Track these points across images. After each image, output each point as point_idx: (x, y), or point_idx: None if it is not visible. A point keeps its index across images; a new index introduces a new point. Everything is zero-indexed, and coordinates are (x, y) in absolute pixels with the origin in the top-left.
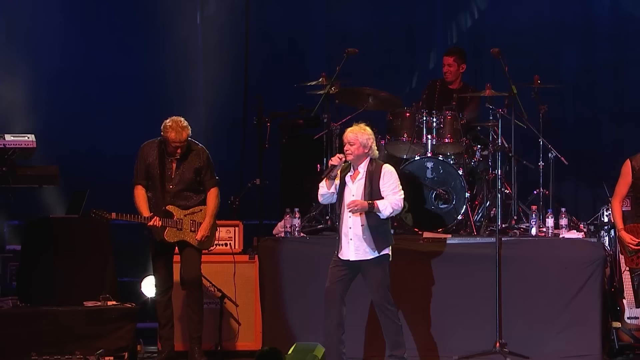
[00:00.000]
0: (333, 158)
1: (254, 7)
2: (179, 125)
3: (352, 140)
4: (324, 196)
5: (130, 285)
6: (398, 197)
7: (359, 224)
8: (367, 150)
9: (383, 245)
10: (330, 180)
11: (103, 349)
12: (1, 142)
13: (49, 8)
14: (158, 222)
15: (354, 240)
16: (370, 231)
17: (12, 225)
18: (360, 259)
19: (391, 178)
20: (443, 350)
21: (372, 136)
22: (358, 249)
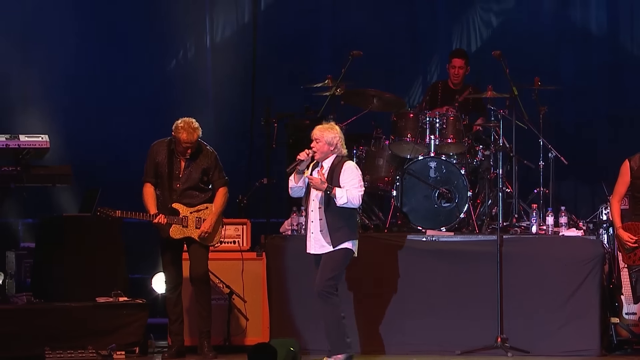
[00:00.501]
0: (301, 153)
1: (263, 12)
2: (190, 127)
3: (317, 137)
4: (293, 189)
5: (141, 282)
6: (357, 191)
7: (317, 219)
8: (333, 147)
9: (341, 239)
10: (298, 174)
11: (115, 344)
12: (16, 142)
13: (64, 14)
14: (163, 219)
15: (314, 233)
16: (328, 225)
17: (26, 223)
18: (319, 252)
19: (352, 174)
20: (446, 345)
21: (339, 134)
22: (317, 242)
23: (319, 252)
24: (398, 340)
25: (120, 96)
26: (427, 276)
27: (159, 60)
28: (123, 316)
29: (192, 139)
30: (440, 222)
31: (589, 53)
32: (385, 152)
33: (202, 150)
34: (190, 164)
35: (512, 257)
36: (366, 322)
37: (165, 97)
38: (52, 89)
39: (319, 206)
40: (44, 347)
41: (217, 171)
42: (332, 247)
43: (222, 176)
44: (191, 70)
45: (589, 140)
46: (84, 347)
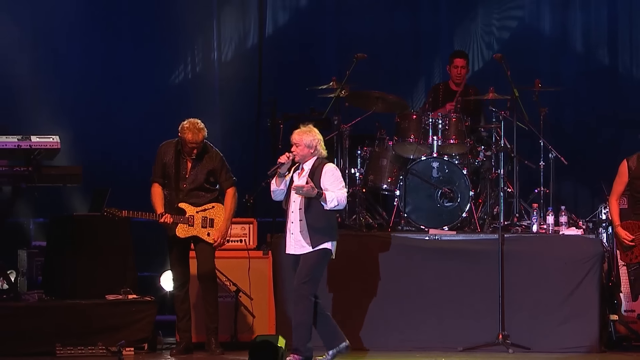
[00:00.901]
0: (281, 157)
1: (269, 15)
2: (195, 127)
3: (297, 141)
4: (274, 192)
5: (149, 280)
6: (343, 193)
7: (298, 220)
8: (312, 150)
9: (321, 240)
10: (279, 177)
11: (124, 340)
12: (27, 143)
13: (73, 16)
14: (169, 219)
15: (294, 234)
16: (308, 226)
17: (38, 222)
18: (298, 252)
19: (333, 176)
20: (448, 342)
21: (318, 137)
22: (297, 242)
23: (298, 252)
24: (401, 337)
25: (129, 98)
26: (430, 274)
27: (167, 62)
28: (132, 313)
29: (197, 139)
30: (443, 221)
31: (588, 56)
32: (388, 152)
33: (208, 151)
34: (197, 164)
35: (513, 255)
36: (369, 319)
37: (173, 98)
38: (63, 90)
39: (299, 207)
40: (55, 343)
41: (224, 172)
42: (311, 247)
43: (229, 177)
44: (199, 72)
45: (589, 141)
46: (94, 343)
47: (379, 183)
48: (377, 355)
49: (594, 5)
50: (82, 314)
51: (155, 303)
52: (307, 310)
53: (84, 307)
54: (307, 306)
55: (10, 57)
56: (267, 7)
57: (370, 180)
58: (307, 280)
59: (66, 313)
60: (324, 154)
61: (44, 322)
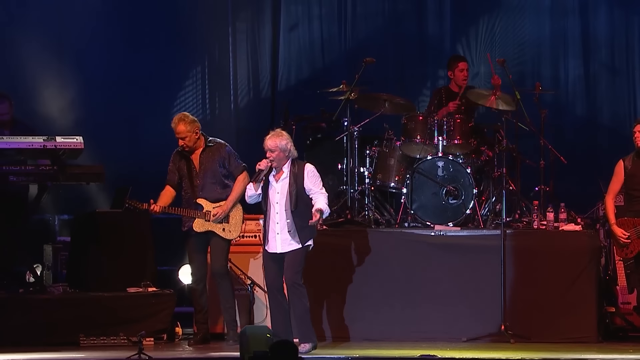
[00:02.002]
0: (260, 163)
1: (283, 21)
2: (176, 119)
3: (272, 147)
4: (251, 197)
5: (168, 273)
6: (324, 195)
7: (284, 220)
8: (287, 153)
9: (307, 238)
10: (257, 182)
11: (144, 331)
12: (52, 143)
13: (95, 22)
14: (157, 208)
15: (281, 234)
16: (296, 226)
17: (62, 219)
18: (286, 250)
19: (315, 176)
20: (452, 333)
21: (289, 139)
22: (285, 241)
23: (286, 250)
24: (407, 328)
25: (148, 102)
26: (436, 268)
27: (184, 65)
28: (152, 305)
29: (179, 129)
30: (448, 218)
31: (587, 59)
32: (396, 152)
33: (211, 144)
34: (203, 159)
35: (515, 250)
36: (377, 311)
37: (190, 99)
38: (86, 93)
39: (285, 209)
40: (78, 333)
41: (233, 159)
42: (300, 245)
43: (239, 164)
44: (214, 75)
45: (587, 141)
46: (116, 333)
47: (386, 181)
48: (383, 346)
49: (592, 12)
50: (105, 306)
51: (173, 295)
52: (304, 296)
53: (106, 299)
54: (304, 293)
55: (37, 62)
56: (280, 14)
57: (378, 179)
58: (297, 272)
59: (89, 305)
60: (296, 154)
61: (68, 313)
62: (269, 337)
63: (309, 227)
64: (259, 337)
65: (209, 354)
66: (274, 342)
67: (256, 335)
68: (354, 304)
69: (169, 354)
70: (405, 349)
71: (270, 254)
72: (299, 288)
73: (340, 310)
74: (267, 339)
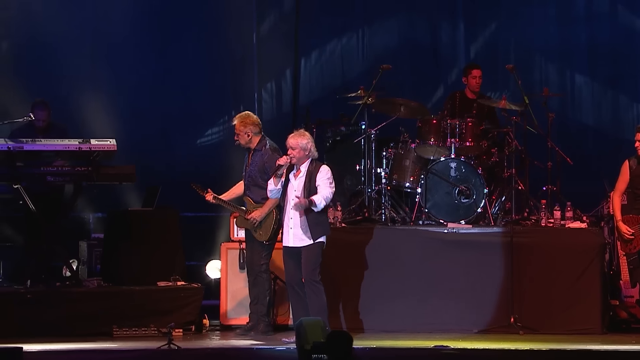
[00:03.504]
0: (281, 159)
1: (303, 30)
2: (238, 115)
3: (293, 145)
4: (271, 192)
5: (196, 268)
6: (329, 190)
7: (297, 216)
8: (307, 152)
9: (320, 233)
10: (277, 178)
11: (173, 323)
12: (87, 145)
13: (127, 30)
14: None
15: (294, 229)
16: (308, 222)
17: (97, 216)
18: (298, 245)
19: (326, 175)
20: (464, 325)
21: (311, 139)
22: (296, 236)
23: (298, 245)
24: (422, 320)
25: (177, 105)
26: (448, 263)
27: (211, 72)
28: (180, 298)
29: (235, 124)
30: (460, 216)
31: (591, 66)
32: (411, 154)
33: (259, 148)
34: (253, 160)
35: (524, 246)
36: (393, 303)
37: (217, 104)
38: (118, 97)
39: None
40: (112, 325)
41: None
42: (312, 240)
43: None
44: (240, 81)
45: (592, 144)
46: (147, 325)
47: (402, 181)
48: (399, 337)
49: (597, 22)
50: (136, 299)
51: (201, 289)
52: (322, 293)
53: (138, 293)
54: (321, 290)
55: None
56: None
57: (394, 179)
58: (314, 269)
59: (122, 298)
60: (316, 155)
61: (102, 306)
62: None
63: (321, 224)
64: (315, 328)
65: (234, 343)
66: (330, 333)
67: (312, 326)
68: (370, 297)
69: (196, 344)
70: (419, 339)
71: (287, 249)
72: (316, 285)
73: (357, 303)
74: (323, 329)
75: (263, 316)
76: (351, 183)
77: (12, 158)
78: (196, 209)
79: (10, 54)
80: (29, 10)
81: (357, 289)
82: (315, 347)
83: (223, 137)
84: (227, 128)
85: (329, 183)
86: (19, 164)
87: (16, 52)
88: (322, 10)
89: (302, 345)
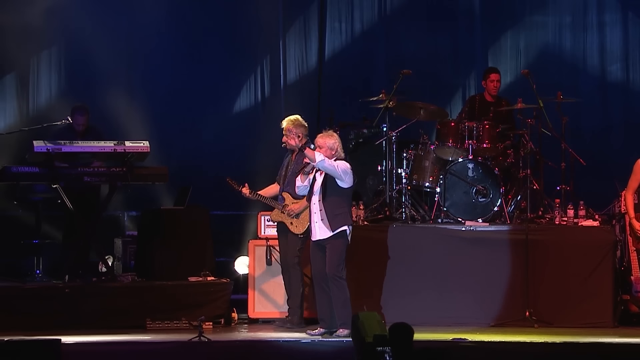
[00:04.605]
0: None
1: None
2: (288, 118)
3: (321, 144)
4: (299, 187)
5: (225, 264)
6: (336, 163)
7: (318, 210)
8: (334, 152)
9: (339, 224)
10: (304, 175)
11: (204, 316)
12: (122, 147)
13: (161, 38)
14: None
15: (318, 222)
16: (327, 214)
17: (131, 215)
18: (321, 237)
19: (340, 161)
20: (481, 318)
21: (338, 140)
22: (320, 229)
23: (322, 237)
24: (440, 313)
25: (207, 108)
26: (466, 260)
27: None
28: (210, 293)
29: (284, 126)
30: (477, 214)
31: (603, 71)
32: (430, 155)
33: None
34: (297, 159)
35: (538, 243)
36: (414, 297)
37: (245, 107)
38: (151, 100)
39: (319, 199)
40: (145, 318)
41: None
42: (332, 231)
43: None
44: (268, 86)
45: (604, 145)
46: (178, 318)
47: (422, 181)
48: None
49: (609, 28)
50: (169, 293)
51: (230, 284)
52: (345, 289)
53: (170, 287)
54: (344, 286)
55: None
56: (325, 31)
57: (414, 179)
58: (338, 265)
59: (155, 292)
60: (343, 156)
61: (136, 300)
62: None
63: (340, 215)
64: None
65: (261, 335)
66: (392, 325)
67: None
68: (391, 292)
69: (225, 336)
70: (438, 332)
71: (314, 243)
72: (339, 281)
73: (379, 298)
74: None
75: (297, 308)
76: (373, 183)
77: (51, 159)
78: (225, 207)
79: (53, 62)
80: (69, 22)
81: (379, 284)
82: (377, 339)
83: (250, 140)
84: (254, 131)
85: (342, 164)
86: (58, 164)
87: (57, 60)
88: (345, 17)
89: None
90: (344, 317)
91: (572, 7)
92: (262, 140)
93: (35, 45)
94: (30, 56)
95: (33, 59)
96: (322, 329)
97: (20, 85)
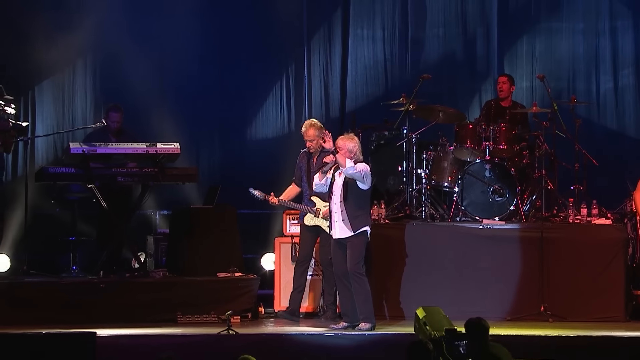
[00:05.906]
0: (327, 157)
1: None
2: (308, 123)
3: (340, 146)
4: (316, 185)
5: (252, 261)
6: (358, 165)
7: (340, 210)
8: (353, 155)
9: (359, 225)
10: (322, 173)
11: (232, 311)
12: (154, 148)
13: (191, 44)
14: (274, 199)
15: (338, 222)
16: (348, 215)
17: (162, 213)
18: (342, 236)
19: (360, 163)
20: (498, 312)
21: (358, 143)
22: (341, 229)
23: (342, 236)
24: (458, 308)
25: (235, 111)
26: (483, 257)
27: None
28: (238, 288)
29: (305, 133)
30: (494, 213)
31: (616, 75)
32: (449, 156)
33: (325, 150)
34: (319, 162)
35: (553, 241)
36: (433, 292)
37: (270, 111)
38: (182, 104)
39: (340, 200)
40: (176, 312)
41: None
42: (352, 232)
43: None
44: (292, 90)
45: (615, 146)
46: (208, 312)
47: (440, 182)
48: None
49: (621, 33)
50: (198, 289)
51: (257, 280)
52: (365, 284)
53: (199, 283)
54: (365, 281)
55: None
56: (349, 37)
57: (433, 179)
58: (358, 262)
59: (185, 288)
60: (361, 159)
61: (168, 295)
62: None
63: (361, 216)
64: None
65: (287, 329)
66: (468, 320)
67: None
68: (410, 287)
69: (252, 330)
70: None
71: (335, 242)
72: (360, 277)
73: (398, 293)
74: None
75: (331, 305)
76: (394, 183)
77: (86, 160)
78: (252, 206)
79: (88, 69)
80: (103, 30)
81: (398, 280)
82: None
83: (275, 141)
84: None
85: (365, 167)
86: (93, 165)
87: (93, 66)
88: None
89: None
90: (365, 311)
91: (585, 13)
92: (286, 143)
93: (72, 51)
94: (66, 61)
95: (69, 64)
96: (345, 323)
97: (56, 89)
